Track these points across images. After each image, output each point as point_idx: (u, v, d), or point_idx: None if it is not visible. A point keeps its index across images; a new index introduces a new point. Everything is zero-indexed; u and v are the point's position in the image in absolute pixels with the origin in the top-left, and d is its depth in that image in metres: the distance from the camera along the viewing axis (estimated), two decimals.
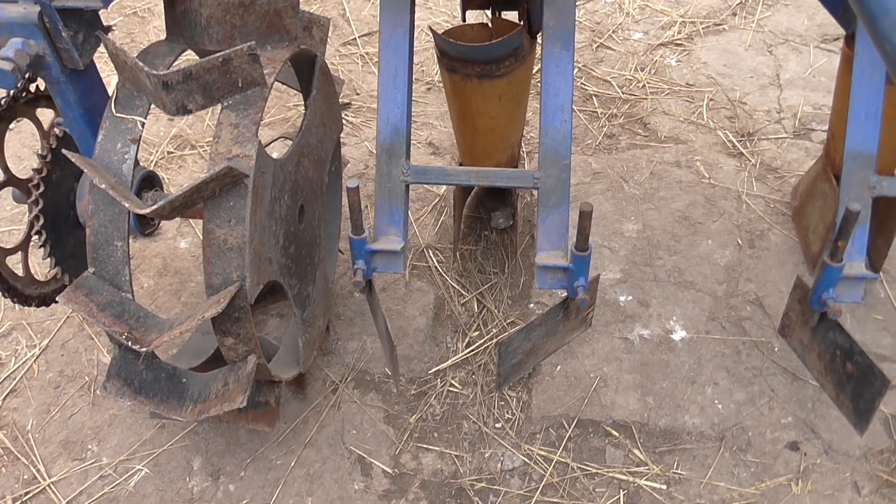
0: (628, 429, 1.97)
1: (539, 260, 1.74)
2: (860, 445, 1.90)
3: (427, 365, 2.13)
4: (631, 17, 3.32)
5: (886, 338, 2.10)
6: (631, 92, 2.96)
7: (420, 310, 2.25)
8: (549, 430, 1.98)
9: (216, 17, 1.63)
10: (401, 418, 2.02)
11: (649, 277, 2.30)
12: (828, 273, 1.63)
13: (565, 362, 2.11)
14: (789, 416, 1.96)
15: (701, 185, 2.57)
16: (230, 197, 1.48)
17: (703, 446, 1.93)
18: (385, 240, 1.80)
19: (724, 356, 2.09)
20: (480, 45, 1.84)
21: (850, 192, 1.68)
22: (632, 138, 2.77)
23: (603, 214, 2.49)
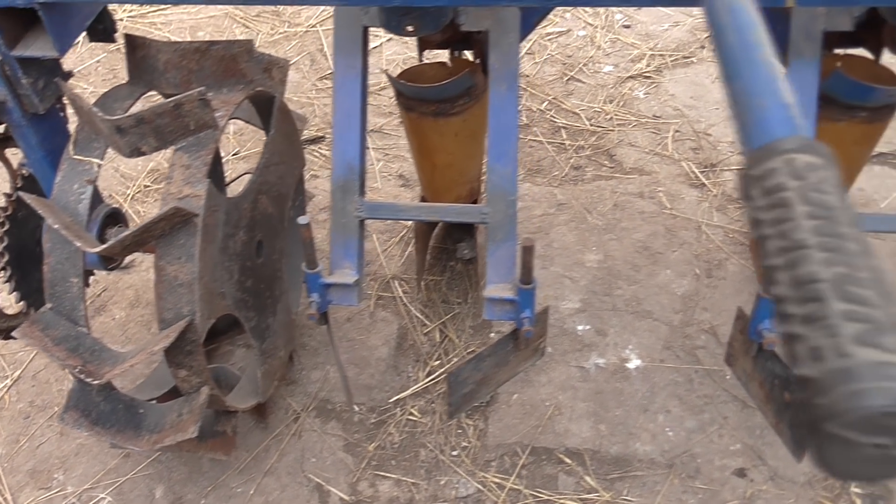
0: (580, 456, 2.01)
1: (487, 292, 1.80)
2: (805, 472, 1.94)
3: (388, 394, 2.18)
4: (602, 51, 3.40)
5: None
6: (599, 124, 3.03)
7: (383, 339, 2.31)
8: (503, 458, 2.03)
9: (173, 62, 1.70)
10: (360, 446, 2.07)
11: (608, 307, 2.35)
12: (763, 305, 1.69)
13: (522, 391, 2.16)
14: (738, 444, 2.01)
15: (662, 215, 2.63)
16: (181, 235, 1.54)
17: (653, 473, 1.97)
18: (340, 273, 1.86)
19: (677, 384, 2.14)
20: (430, 86, 1.91)
21: None
22: (598, 169, 2.83)
23: (565, 245, 2.55)
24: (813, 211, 0.62)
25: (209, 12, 3.61)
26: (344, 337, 2.32)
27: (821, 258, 0.59)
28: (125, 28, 3.56)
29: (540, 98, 3.14)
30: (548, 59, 3.34)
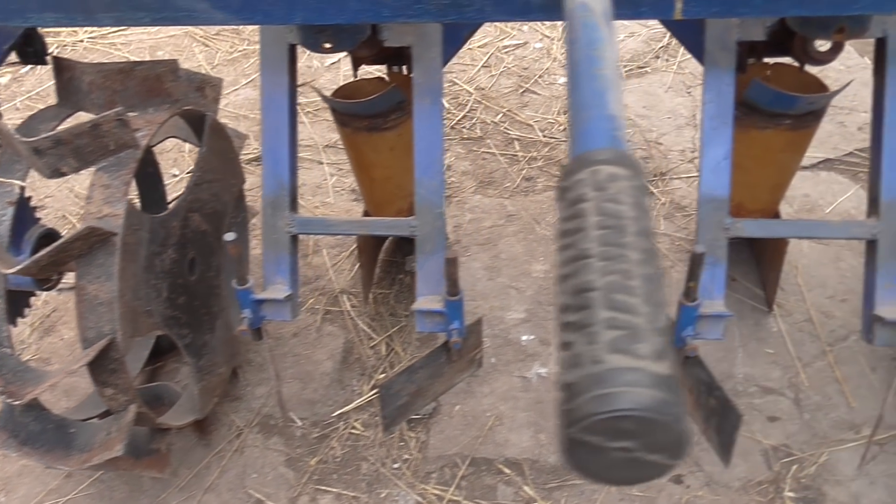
0: (520, 466, 2.02)
1: (417, 305, 1.82)
2: (740, 477, 1.95)
3: (331, 408, 2.19)
4: (558, 62, 3.43)
5: (776, 371, 2.17)
6: (552, 135, 3.05)
7: (328, 354, 2.32)
8: (444, 470, 2.04)
9: (97, 83, 1.72)
10: (302, 461, 2.08)
11: (553, 317, 2.37)
12: (684, 312, 1.70)
13: (464, 402, 2.17)
14: None
15: None
16: (100, 254, 1.56)
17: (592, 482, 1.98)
18: (273, 289, 1.87)
19: None
20: (358, 102, 1.93)
21: (705, 235, 1.75)
22: (549, 180, 2.86)
23: (513, 256, 2.57)
24: (603, 221, 0.64)
25: (169, 32, 3.63)
26: (289, 352, 2.33)
27: (598, 267, 0.61)
28: (85, 49, 3.59)
29: (494, 111, 3.17)
30: (504, 72, 3.37)
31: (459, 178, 2.88)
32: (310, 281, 2.54)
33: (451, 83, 3.31)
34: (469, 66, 3.41)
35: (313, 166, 2.97)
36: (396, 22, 1.32)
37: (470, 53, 3.47)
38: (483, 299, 2.43)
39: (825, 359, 2.19)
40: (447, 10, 1.29)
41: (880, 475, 1.93)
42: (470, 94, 3.25)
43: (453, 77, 3.34)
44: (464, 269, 2.53)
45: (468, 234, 2.65)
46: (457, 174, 2.90)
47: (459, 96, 3.25)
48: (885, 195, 1.68)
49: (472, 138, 3.04)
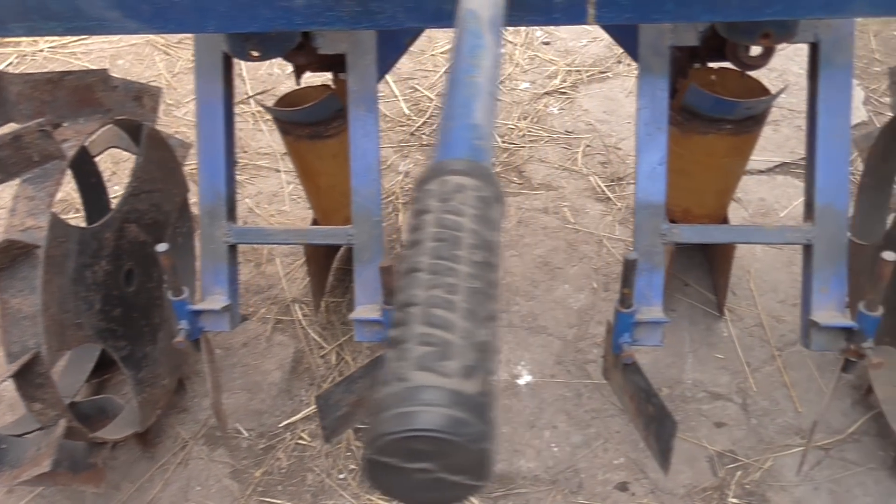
0: None
1: (354, 314, 1.80)
2: (685, 484, 1.94)
3: (278, 418, 2.17)
4: (520, 68, 3.42)
5: (724, 376, 2.16)
6: (511, 141, 3.04)
7: (277, 364, 2.30)
8: None
9: (25, 93, 1.70)
10: (247, 473, 2.06)
11: (504, 323, 2.35)
12: (620, 319, 1.69)
13: None
14: (622, 458, 2.01)
15: (565, 230, 2.64)
16: (23, 267, 1.54)
17: (537, 490, 1.97)
18: (211, 299, 1.85)
19: (565, 399, 2.14)
20: (295, 109, 1.92)
21: (642, 241, 1.74)
22: (506, 186, 2.84)
23: None
24: (439, 233, 0.62)
25: (130, 41, 3.61)
26: (238, 362, 2.31)
27: (424, 281, 0.59)
28: (45, 58, 3.56)
29: None
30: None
31: None
32: (262, 290, 2.53)
33: (412, 89, 3.31)
34: (431, 73, 3.40)
35: (270, 174, 2.96)
36: (311, 29, 1.30)
37: (432, 59, 3.47)
38: None
39: (774, 363, 2.18)
40: (359, 17, 1.28)
41: (824, 480, 1.92)
42: (431, 100, 3.23)
43: (414, 83, 3.33)
44: None
45: None
46: (414, 181, 2.88)
47: (420, 102, 3.24)
48: (819, 200, 1.67)
49: (431, 144, 3.03)
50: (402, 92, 3.28)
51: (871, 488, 1.89)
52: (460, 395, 0.52)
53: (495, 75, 0.85)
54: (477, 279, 0.60)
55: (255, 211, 2.80)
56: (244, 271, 2.58)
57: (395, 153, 3.01)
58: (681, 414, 2.08)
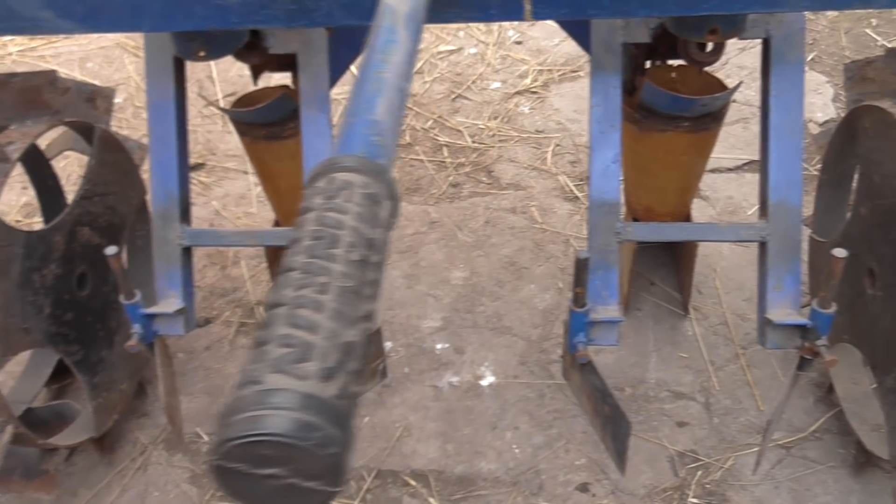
0: (425, 478, 1.99)
1: None
2: (646, 484, 1.93)
3: None
4: (492, 67, 3.41)
5: (688, 375, 2.15)
6: (481, 141, 3.03)
7: (240, 367, 2.28)
8: (349, 482, 2.00)
9: None
10: (206, 477, 2.04)
11: (469, 324, 2.34)
12: (575, 319, 1.68)
13: (374, 413, 2.14)
14: (583, 458, 1.99)
15: (532, 230, 2.63)
16: None
17: (497, 492, 1.95)
18: (165, 303, 1.83)
19: (528, 400, 2.13)
20: (248, 110, 1.90)
21: (596, 240, 1.73)
22: (475, 186, 2.83)
23: (433, 263, 2.54)
24: (317, 232, 0.61)
25: (100, 43, 3.59)
26: (200, 366, 2.29)
27: (294, 280, 0.58)
28: (14, 62, 3.54)
29: (425, 117, 3.14)
30: (437, 78, 3.35)
31: None
32: (227, 293, 2.51)
33: None
34: None
35: (238, 176, 2.94)
36: (247, 27, 1.28)
37: None
38: (400, 308, 2.40)
39: (738, 362, 2.17)
40: (295, 15, 1.26)
41: (785, 479, 1.91)
42: None
43: None
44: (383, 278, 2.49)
45: (391, 243, 2.62)
46: None
47: None
48: (773, 197, 1.66)
49: (400, 145, 3.02)
50: None
51: (831, 486, 1.88)
52: (313, 398, 0.51)
53: (406, 71, 0.84)
54: (351, 278, 0.58)
55: (221, 213, 2.78)
56: (209, 274, 2.56)
57: None
58: (643, 414, 2.07)
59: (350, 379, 0.54)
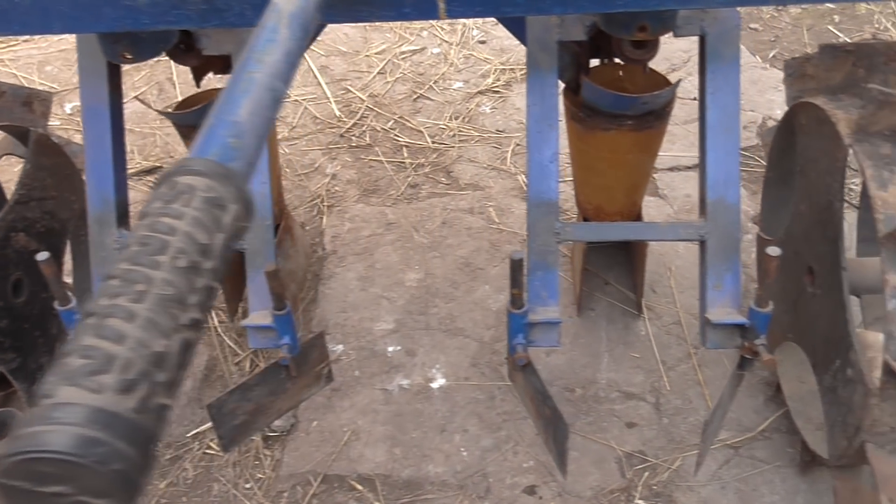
0: (372, 482, 1.97)
1: (247, 321, 1.76)
2: (592, 486, 1.91)
3: (186, 428, 2.12)
4: (455, 67, 3.39)
5: (639, 375, 2.13)
6: (442, 141, 3.01)
7: (189, 372, 2.25)
8: (296, 488, 1.98)
9: None
10: (151, 484, 2.01)
11: (421, 326, 2.32)
12: (513, 320, 1.66)
13: (322, 417, 2.11)
14: (531, 461, 1.98)
15: (489, 230, 2.61)
16: None
17: (444, 496, 1.93)
18: None
19: (478, 402, 2.11)
20: (185, 112, 1.88)
21: (536, 240, 1.71)
22: (434, 187, 2.81)
23: (388, 265, 2.52)
24: (145, 238, 0.59)
25: (60, 46, 3.56)
26: None
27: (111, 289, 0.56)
28: None
29: (386, 117, 3.12)
30: (399, 78, 3.33)
31: (343, 187, 2.83)
32: None
33: (344, 91, 3.27)
34: (365, 73, 3.36)
35: None
36: (159, 28, 1.26)
37: (367, 60, 3.43)
38: (353, 310, 2.38)
39: (690, 362, 2.16)
40: (207, 15, 1.24)
41: (732, 479, 1.89)
42: (362, 101, 3.20)
43: (347, 84, 3.30)
44: (337, 280, 2.48)
45: (345, 244, 2.60)
46: (341, 183, 2.84)
47: (352, 104, 3.20)
48: (711, 195, 1.64)
49: (360, 146, 3.00)
50: (333, 93, 3.25)
51: (777, 486, 1.87)
52: (103, 412, 0.49)
53: (282, 70, 0.82)
54: (173, 286, 0.56)
55: None
56: None
57: (324, 155, 2.97)
58: (593, 415, 2.06)
59: (156, 391, 0.52)
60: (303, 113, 3.16)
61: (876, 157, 1.37)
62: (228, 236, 0.63)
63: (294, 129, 3.09)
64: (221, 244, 0.62)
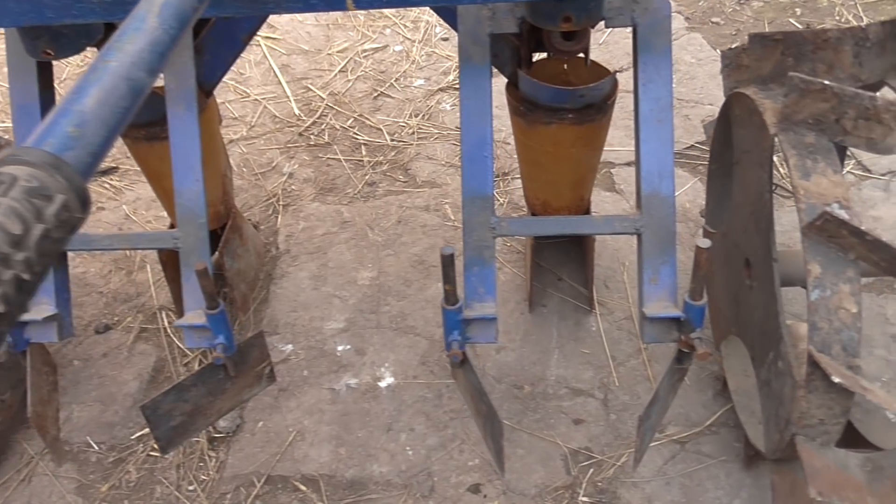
0: (316, 482, 1.95)
1: (182, 320, 1.74)
2: (537, 484, 1.89)
3: (131, 430, 2.10)
4: (416, 65, 3.37)
5: (588, 372, 2.12)
6: (401, 138, 2.99)
7: (136, 374, 2.23)
8: (239, 490, 1.96)
9: None
10: (93, 488, 1.99)
11: (372, 324, 2.30)
12: (448, 317, 1.64)
13: (269, 417, 2.09)
14: (476, 459, 1.96)
15: (444, 227, 2.59)
16: None
17: (388, 495, 1.91)
18: (36, 310, 1.78)
19: (426, 400, 2.09)
20: None
21: (471, 235, 1.69)
22: (391, 185, 2.79)
23: (341, 264, 2.49)
24: None
25: None
26: (95, 374, 2.23)
27: None
28: None
29: (346, 116, 3.10)
30: (361, 76, 3.30)
31: (300, 186, 2.81)
32: (130, 298, 2.45)
33: (305, 89, 3.24)
34: (326, 72, 3.34)
35: None
36: (64, 22, 1.24)
37: (328, 59, 3.41)
38: (304, 310, 2.36)
39: (640, 357, 2.14)
40: (112, 8, 1.22)
41: (677, 475, 1.88)
42: (322, 99, 3.17)
43: (308, 83, 3.27)
44: (289, 280, 2.45)
45: (299, 243, 2.58)
46: (298, 182, 2.82)
47: (312, 102, 3.18)
48: (645, 187, 1.63)
49: (318, 145, 2.97)
50: (294, 92, 3.22)
51: (722, 481, 1.86)
52: None
53: (145, 60, 0.80)
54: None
55: (132, 217, 2.73)
56: (114, 279, 2.51)
57: (282, 154, 2.94)
58: (540, 412, 2.04)
59: None
60: (262, 112, 3.13)
61: (800, 147, 1.35)
62: (51, 228, 0.61)
63: (253, 129, 3.06)
64: (40, 236, 0.60)
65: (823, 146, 1.34)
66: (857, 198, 2.51)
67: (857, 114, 1.29)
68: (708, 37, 3.27)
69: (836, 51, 1.47)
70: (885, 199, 2.50)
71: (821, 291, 1.29)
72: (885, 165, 2.61)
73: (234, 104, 3.17)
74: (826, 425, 1.37)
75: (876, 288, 2.24)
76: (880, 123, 1.28)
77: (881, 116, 1.27)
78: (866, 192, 2.53)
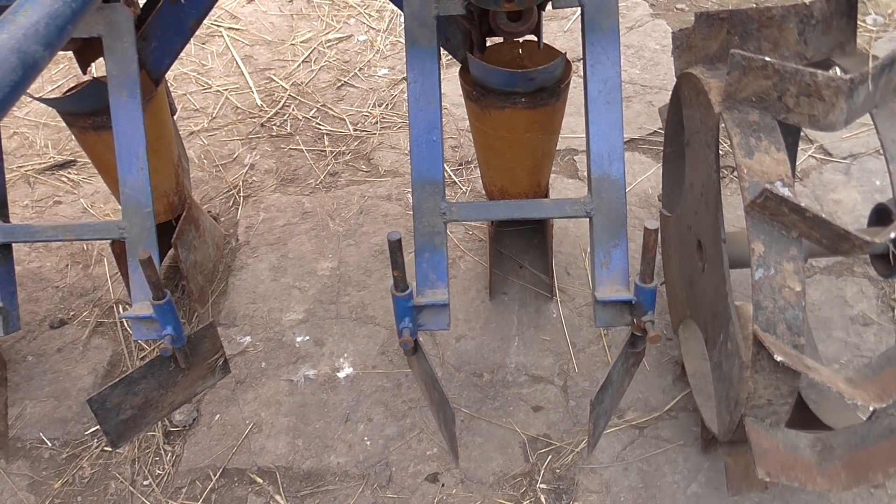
0: (272, 475, 1.92)
1: (128, 312, 1.71)
2: (495, 472, 1.88)
3: (85, 426, 2.06)
4: (381, 54, 3.34)
5: (548, 359, 2.10)
6: (364, 128, 2.96)
7: (91, 368, 2.19)
8: (195, 483, 1.93)
9: None
10: (46, 484, 1.95)
11: (332, 315, 2.27)
12: (397, 304, 1.62)
13: (225, 410, 2.06)
14: (435, 448, 1.94)
15: (406, 217, 2.57)
16: None
17: (346, 486, 1.89)
18: None
19: (384, 390, 2.07)
20: (61, 98, 1.82)
21: (422, 221, 1.67)
22: (353, 175, 2.76)
23: (302, 254, 2.47)
24: None
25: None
26: (49, 369, 2.20)
27: None
28: None
29: (309, 106, 3.07)
30: (324, 66, 3.27)
31: (261, 177, 2.77)
32: (87, 292, 2.42)
33: (267, 80, 3.21)
34: (290, 62, 3.30)
35: None
36: None
37: (292, 49, 3.37)
38: (263, 301, 2.33)
39: (599, 343, 2.13)
40: None
41: (635, 460, 1.87)
42: (285, 90, 3.14)
43: (271, 74, 3.24)
44: (248, 271, 2.42)
45: (259, 234, 2.55)
46: (259, 173, 2.79)
47: (274, 93, 3.14)
48: (595, 170, 1.61)
49: (280, 136, 2.94)
50: (256, 83, 3.19)
51: (680, 465, 1.85)
52: None
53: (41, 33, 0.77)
54: None
55: (90, 211, 2.68)
56: (70, 273, 2.47)
57: (243, 146, 2.91)
58: (499, 399, 2.02)
59: None
60: (223, 103, 3.10)
61: (743, 125, 1.34)
62: None
63: (214, 120, 3.02)
64: None
65: (767, 124, 1.33)
66: (819, 181, 2.51)
67: (799, 90, 1.28)
68: (673, 23, 3.27)
69: (781, 28, 1.46)
70: (846, 183, 2.50)
71: (764, 270, 1.28)
72: (846, 149, 2.61)
73: (196, 95, 3.13)
74: (774, 406, 1.36)
75: (835, 271, 2.24)
76: (821, 100, 1.27)
77: (822, 93, 1.26)
78: (827, 175, 2.53)
